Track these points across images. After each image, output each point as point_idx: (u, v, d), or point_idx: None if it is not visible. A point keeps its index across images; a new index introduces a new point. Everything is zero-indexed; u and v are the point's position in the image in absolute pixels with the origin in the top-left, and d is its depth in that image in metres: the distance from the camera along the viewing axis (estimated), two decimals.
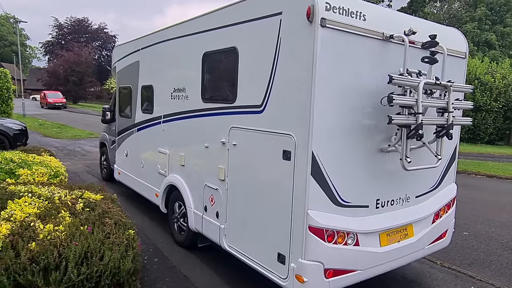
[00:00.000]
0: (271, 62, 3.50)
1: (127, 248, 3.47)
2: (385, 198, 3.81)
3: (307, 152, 3.17)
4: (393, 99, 3.20)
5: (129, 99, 6.92)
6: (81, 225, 3.49)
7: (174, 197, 5.49)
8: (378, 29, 3.44)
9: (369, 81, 3.48)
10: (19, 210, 3.61)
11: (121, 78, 7.40)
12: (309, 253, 3.24)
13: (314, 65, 3.06)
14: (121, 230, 3.65)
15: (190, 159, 4.98)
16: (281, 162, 3.43)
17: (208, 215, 4.58)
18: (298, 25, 3.19)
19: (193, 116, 4.82)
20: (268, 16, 3.54)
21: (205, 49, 4.52)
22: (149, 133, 6.15)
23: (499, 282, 4.67)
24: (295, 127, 3.27)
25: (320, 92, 3.12)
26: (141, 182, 6.50)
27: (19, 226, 3.43)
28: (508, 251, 5.70)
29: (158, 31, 5.76)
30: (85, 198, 4.20)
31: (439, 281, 4.65)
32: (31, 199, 3.87)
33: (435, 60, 3.55)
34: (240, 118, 3.97)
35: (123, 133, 7.33)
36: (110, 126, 8.67)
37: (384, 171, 3.76)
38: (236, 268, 4.59)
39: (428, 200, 4.28)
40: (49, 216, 3.64)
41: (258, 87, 3.68)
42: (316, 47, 3.04)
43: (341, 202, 3.42)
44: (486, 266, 5.16)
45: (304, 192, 3.21)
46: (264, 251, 3.69)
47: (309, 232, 3.22)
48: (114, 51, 7.85)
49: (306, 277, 3.24)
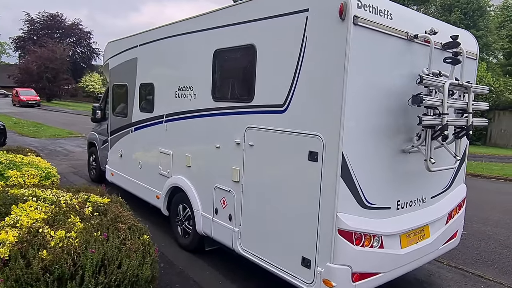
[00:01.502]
0: (295, 61, 3.40)
1: (144, 254, 3.30)
2: (405, 199, 3.78)
3: (337, 153, 3.08)
4: (423, 99, 3.16)
5: (125, 98, 6.66)
6: (94, 231, 3.28)
7: (178, 199, 5.31)
8: (403, 29, 3.40)
9: (393, 81, 3.44)
10: (25, 215, 3.35)
11: (115, 75, 7.12)
12: (338, 256, 3.16)
13: (346, 65, 2.98)
14: (135, 236, 3.46)
15: (198, 160, 4.80)
16: (307, 163, 3.33)
17: (219, 218, 4.43)
18: (328, 23, 3.10)
19: (202, 116, 4.66)
20: (291, 13, 3.43)
21: (217, 46, 4.37)
22: (149, 132, 5.93)
23: (506, 281, 4.74)
24: (324, 128, 3.18)
25: (351, 92, 3.04)
26: (139, 183, 6.25)
27: (27, 232, 3.18)
28: (507, 250, 5.83)
29: (161, 27, 5.55)
30: (92, 201, 3.96)
31: (449, 281, 4.68)
32: (36, 204, 3.61)
33: (458, 61, 3.55)
34: (258, 118, 3.84)
35: (117, 133, 7.04)
36: (100, 125, 8.35)
37: (404, 172, 3.74)
38: (246, 272, 4.48)
39: (442, 200, 4.29)
40: (58, 221, 3.40)
41: (280, 87, 3.57)
42: (349, 45, 2.96)
43: (366, 204, 3.36)
44: (489, 265, 5.24)
45: (334, 194, 3.13)
46: (286, 255, 3.59)
47: (338, 235, 3.14)
48: (106, 48, 7.54)
49: (334, 282, 3.16)
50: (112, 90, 7.25)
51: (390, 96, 3.42)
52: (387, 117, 3.43)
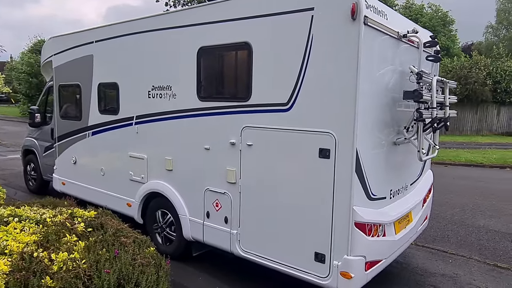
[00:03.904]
0: (300, 60, 3.42)
1: (157, 268, 3.08)
2: (395, 188, 4.04)
3: (351, 150, 3.19)
4: (423, 95, 3.40)
5: (78, 99, 6.06)
6: (99, 249, 2.97)
7: (156, 205, 5.02)
8: (395, 28, 3.61)
9: (388, 77, 3.64)
10: (12, 239, 2.90)
11: (61, 74, 6.41)
12: (355, 248, 3.28)
13: (358, 63, 3.08)
14: (141, 249, 3.21)
15: (182, 163, 4.58)
16: (317, 160, 3.39)
17: (212, 222, 4.29)
18: (338, 23, 3.16)
19: (185, 116, 4.44)
20: (294, 12, 3.44)
21: (202, 44, 4.19)
22: (113, 136, 5.48)
23: (466, 253, 5.34)
24: (336, 125, 3.25)
25: (362, 89, 3.15)
26: (102, 192, 5.76)
27: (20, 259, 2.77)
28: (456, 225, 6.55)
29: (126, 22, 5.14)
30: (78, 216, 3.56)
31: (422, 259, 5.14)
32: (21, 225, 3.14)
33: (439, 59, 3.88)
34: (257, 117, 3.79)
35: (67, 138, 6.39)
36: (40, 130, 7.48)
37: (395, 162, 3.99)
38: (241, 274, 4.45)
39: (417, 186, 4.67)
40: (52, 242, 3.01)
41: (282, 85, 3.56)
42: (361, 44, 3.07)
43: (372, 196, 3.52)
44: (446, 241, 5.86)
45: (349, 189, 3.23)
46: (296, 253, 3.61)
47: (355, 228, 3.26)
48: (47, 44, 6.76)
49: (352, 273, 3.27)
50: (58, 91, 6.54)
51: (386, 91, 3.62)
52: (383, 111, 3.63)
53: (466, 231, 6.30)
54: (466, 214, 7.18)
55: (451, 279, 4.57)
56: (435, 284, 4.43)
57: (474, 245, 5.71)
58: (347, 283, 3.30)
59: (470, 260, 5.13)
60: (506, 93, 22.91)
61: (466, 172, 11.63)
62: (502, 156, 13.49)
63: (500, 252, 5.47)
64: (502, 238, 6.00)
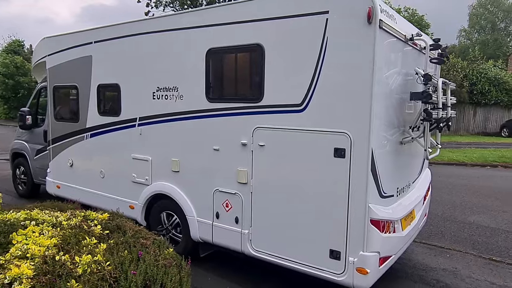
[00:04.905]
0: (314, 61, 3.50)
1: (179, 269, 3.08)
2: (400, 186, 4.18)
3: (367, 149, 3.29)
4: (432, 96, 3.54)
5: (75, 100, 5.95)
6: (122, 250, 2.95)
7: (160, 207, 4.99)
8: (403, 31, 3.74)
9: (395, 79, 3.77)
10: (32, 243, 2.85)
11: (56, 75, 6.28)
12: (370, 245, 3.38)
13: (374, 65, 3.19)
14: (162, 250, 3.21)
15: (190, 164, 4.58)
16: (332, 160, 3.47)
17: (221, 222, 4.31)
18: (353, 26, 3.26)
19: (193, 117, 4.45)
20: (308, 15, 3.51)
21: (211, 45, 4.21)
22: (114, 138, 5.41)
23: (461, 248, 5.56)
24: (352, 125, 3.35)
25: (377, 91, 3.26)
26: (101, 194, 5.67)
27: (43, 262, 2.72)
28: (448, 222, 6.79)
29: (127, 23, 5.10)
30: (90, 218, 3.52)
31: (422, 254, 5.31)
32: (39, 228, 3.08)
33: (443, 61, 4.04)
34: (269, 117, 3.85)
35: (62, 140, 6.26)
36: (31, 133, 7.30)
37: (401, 161, 4.13)
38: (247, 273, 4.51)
39: (418, 184, 4.84)
40: (71, 245, 2.97)
41: (296, 86, 3.63)
42: (376, 47, 3.17)
43: (383, 194, 3.64)
44: (441, 237, 6.06)
45: (365, 187, 3.33)
46: (311, 250, 3.69)
47: (371, 225, 3.36)
48: (40, 44, 6.60)
49: (368, 268, 3.37)
50: (53, 93, 6.40)
51: (393, 92, 3.74)
52: (393, 111, 3.76)
53: (458, 227, 6.53)
54: (456, 211, 7.44)
55: (452, 273, 4.74)
56: (437, 278, 4.59)
57: (468, 240, 5.94)
58: (363, 279, 3.40)
59: (467, 255, 5.33)
60: (481, 95, 23.82)
61: (450, 170, 12.02)
62: (482, 155, 14.02)
63: (492, 246, 5.71)
64: (492, 233, 6.25)
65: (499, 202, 8.10)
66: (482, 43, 45.82)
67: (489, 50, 42.97)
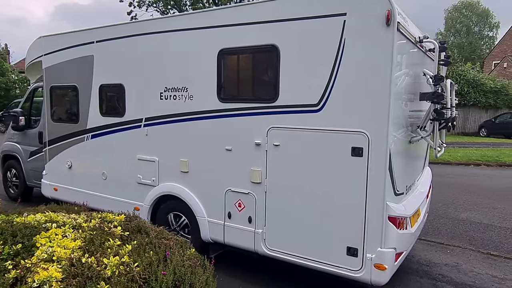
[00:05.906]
0: (331, 62, 3.56)
1: (204, 269, 3.09)
2: (408, 184, 4.30)
3: (385, 148, 3.38)
4: (444, 96, 3.66)
5: (74, 101, 5.84)
6: (146, 251, 2.93)
7: (168, 208, 4.96)
8: (414, 33, 3.86)
9: (406, 79, 3.88)
10: (57, 245, 2.79)
11: (53, 75, 6.13)
12: (387, 241, 3.47)
13: (392, 66, 3.28)
14: (185, 250, 3.20)
15: (200, 165, 4.57)
16: (349, 159, 3.55)
17: (234, 222, 4.32)
18: (372, 28, 3.34)
19: (203, 118, 4.44)
20: (326, 16, 3.58)
21: (223, 46, 4.22)
22: (118, 139, 5.34)
23: (460, 244, 5.75)
24: (369, 125, 3.43)
25: (394, 91, 3.36)
26: (104, 196, 5.58)
27: (70, 265, 2.68)
28: (443, 219, 6.99)
29: (132, 23, 5.07)
30: (107, 220, 3.47)
31: (423, 250, 5.46)
32: (61, 230, 3.01)
33: (449, 63, 4.18)
34: (284, 117, 3.89)
35: (60, 142, 6.12)
36: (24, 134, 7.10)
37: (409, 159, 4.25)
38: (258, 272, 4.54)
39: (421, 181, 4.98)
40: (95, 247, 2.92)
41: (312, 87, 3.69)
42: (394, 49, 3.27)
43: (397, 192, 3.74)
44: (438, 234, 6.25)
45: (383, 185, 3.42)
46: (327, 248, 3.74)
47: (388, 221, 3.45)
48: (36, 44, 6.43)
49: (386, 264, 3.46)
50: (50, 93, 6.25)
51: (404, 93, 3.86)
52: (404, 112, 3.87)
53: (453, 223, 6.74)
54: (449, 208, 7.68)
55: (455, 268, 4.90)
56: (442, 273, 4.74)
57: (464, 236, 6.14)
58: (381, 274, 3.48)
59: (466, 250, 5.52)
60: (461, 96, 24.54)
61: (436, 169, 12.24)
62: (465, 154, 14.47)
63: (488, 241, 5.92)
64: (485, 229, 6.49)
65: (488, 199, 8.40)
66: (458, 46, 47.27)
67: (465, 53, 44.46)
